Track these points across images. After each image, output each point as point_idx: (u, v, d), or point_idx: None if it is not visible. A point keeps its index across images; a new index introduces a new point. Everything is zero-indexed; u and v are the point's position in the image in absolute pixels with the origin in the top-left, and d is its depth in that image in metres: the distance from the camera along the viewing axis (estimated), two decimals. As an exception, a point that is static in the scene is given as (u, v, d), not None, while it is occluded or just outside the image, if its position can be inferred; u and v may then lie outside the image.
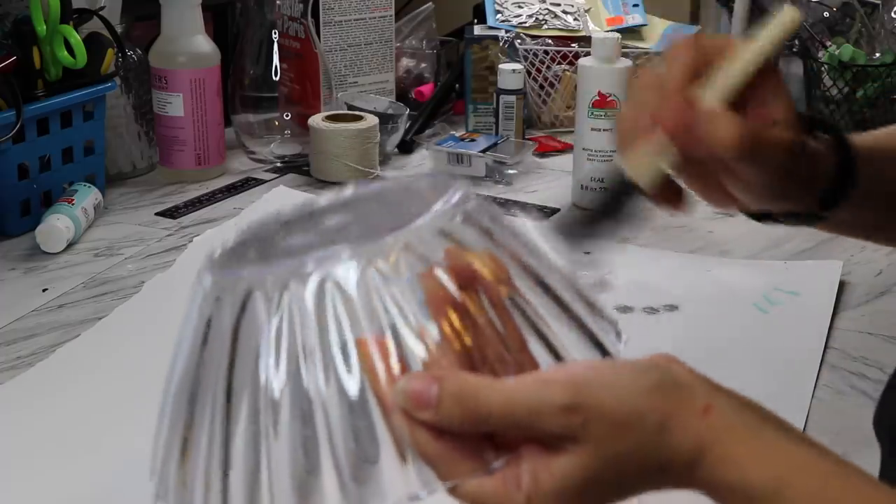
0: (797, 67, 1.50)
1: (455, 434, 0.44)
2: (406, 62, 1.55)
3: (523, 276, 0.48)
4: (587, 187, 1.17)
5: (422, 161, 1.34)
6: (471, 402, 0.44)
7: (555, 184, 1.25)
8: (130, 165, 1.28)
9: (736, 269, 1.01)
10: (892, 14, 1.44)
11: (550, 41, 1.45)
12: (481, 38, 1.42)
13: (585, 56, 1.18)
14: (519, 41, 1.44)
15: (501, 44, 1.42)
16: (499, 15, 1.48)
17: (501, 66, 1.33)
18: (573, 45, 1.44)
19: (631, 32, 1.49)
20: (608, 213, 0.61)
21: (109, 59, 1.15)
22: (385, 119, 1.30)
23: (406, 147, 1.36)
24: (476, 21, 1.51)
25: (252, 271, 0.47)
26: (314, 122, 1.24)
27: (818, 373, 0.83)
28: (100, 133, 1.18)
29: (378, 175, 1.25)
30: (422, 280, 0.45)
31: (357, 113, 1.28)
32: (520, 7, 1.49)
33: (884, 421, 0.63)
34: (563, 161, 1.31)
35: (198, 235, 1.09)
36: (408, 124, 1.37)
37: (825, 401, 0.79)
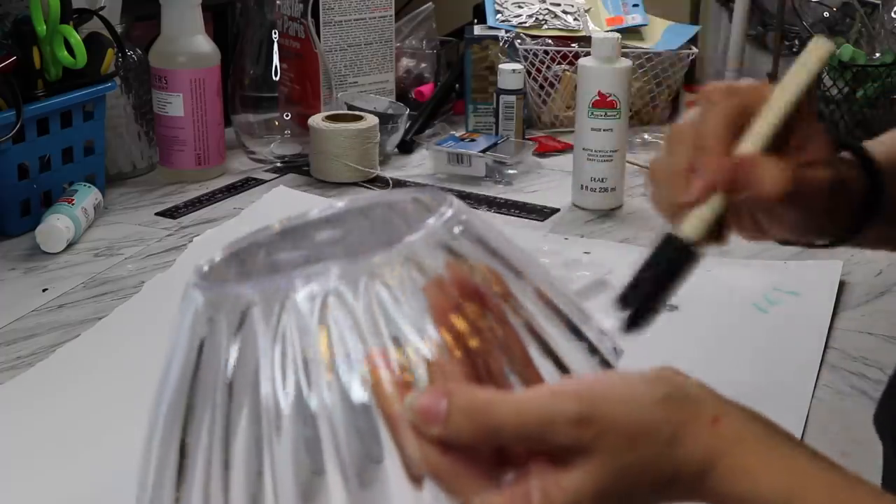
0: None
1: (464, 449, 0.44)
2: (406, 62, 1.55)
3: (522, 289, 0.48)
4: (587, 187, 1.17)
5: (422, 161, 1.34)
6: (481, 416, 0.43)
7: (555, 184, 1.25)
8: (130, 165, 1.28)
9: (736, 269, 1.01)
10: (892, 14, 1.44)
11: (550, 41, 1.45)
12: (481, 38, 1.42)
13: (585, 56, 1.18)
14: (519, 41, 1.44)
15: (501, 44, 1.42)
16: (499, 15, 1.48)
17: (501, 66, 1.33)
18: (573, 45, 1.44)
19: (631, 32, 1.49)
20: (670, 278, 0.59)
21: (109, 59, 1.15)
22: (385, 119, 1.30)
23: (406, 147, 1.36)
24: (476, 21, 1.51)
25: (247, 287, 0.46)
26: (314, 122, 1.24)
27: (818, 373, 0.83)
28: (100, 133, 1.18)
29: (378, 175, 1.25)
30: (425, 292, 0.45)
31: (357, 113, 1.28)
32: (520, 7, 1.49)
33: (886, 419, 0.63)
34: (563, 161, 1.31)
35: (198, 235, 1.09)
36: (408, 124, 1.37)
37: (825, 401, 0.79)
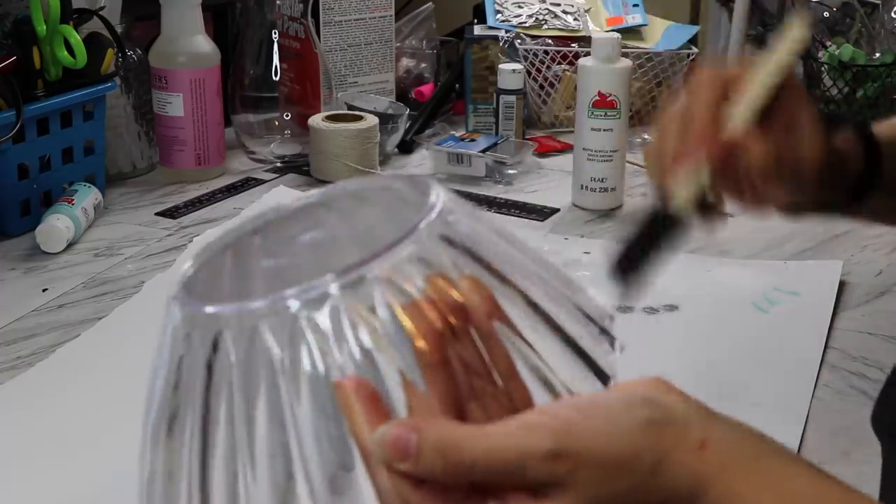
0: (797, 67, 1.50)
1: (437, 483, 0.42)
2: (406, 62, 1.55)
3: (510, 297, 0.47)
4: (587, 187, 1.17)
5: (422, 161, 1.34)
6: (452, 453, 0.41)
7: (555, 184, 1.25)
8: (130, 165, 1.28)
9: (736, 269, 1.01)
10: (892, 14, 1.44)
11: (550, 41, 1.45)
12: (481, 38, 1.42)
13: (585, 56, 1.18)
14: (519, 41, 1.44)
15: (501, 44, 1.42)
16: (499, 15, 1.48)
17: (501, 66, 1.33)
18: (573, 45, 1.44)
19: (631, 32, 1.49)
20: (657, 243, 0.61)
21: (109, 59, 1.15)
22: (385, 119, 1.30)
23: (406, 147, 1.36)
24: (476, 21, 1.51)
25: (223, 309, 0.46)
26: (314, 122, 1.24)
27: (818, 373, 0.83)
28: (100, 133, 1.18)
29: (378, 174, 1.25)
30: (405, 313, 0.43)
31: (357, 113, 1.28)
32: (520, 7, 1.49)
33: (884, 419, 0.63)
34: (563, 161, 1.31)
35: (198, 235, 1.09)
36: (408, 124, 1.37)
37: (825, 401, 0.79)
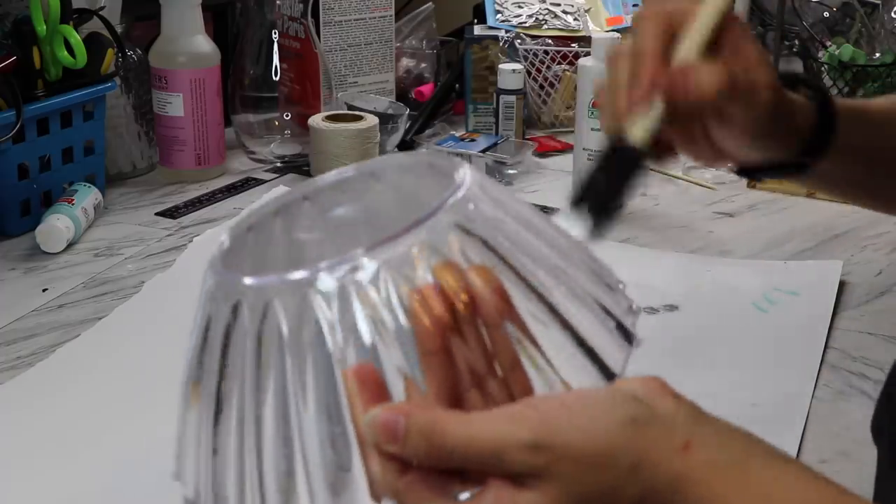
0: (797, 67, 1.50)
1: (423, 467, 0.44)
2: (406, 62, 1.55)
3: (520, 289, 0.47)
4: (587, 187, 1.17)
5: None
6: (436, 438, 0.43)
7: (555, 184, 1.25)
8: (130, 165, 1.28)
9: (736, 269, 1.01)
10: (892, 14, 1.44)
11: (550, 41, 1.45)
12: (481, 38, 1.42)
13: (585, 56, 1.18)
14: (519, 41, 1.44)
15: (501, 44, 1.42)
16: (499, 15, 1.48)
17: (501, 66, 1.33)
18: (573, 45, 1.44)
19: (631, 32, 1.49)
20: (616, 182, 0.61)
21: (109, 59, 1.15)
22: (385, 119, 1.30)
23: (406, 147, 1.36)
24: (476, 21, 1.51)
25: (265, 279, 0.47)
26: (314, 122, 1.24)
27: (818, 373, 0.83)
28: (100, 133, 1.18)
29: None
30: (410, 300, 0.44)
31: (357, 113, 1.28)
32: (520, 7, 1.49)
33: (883, 430, 0.62)
34: (563, 161, 1.31)
35: (198, 235, 1.09)
36: (408, 124, 1.37)
37: (825, 401, 0.79)
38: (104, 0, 1.20)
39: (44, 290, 0.98)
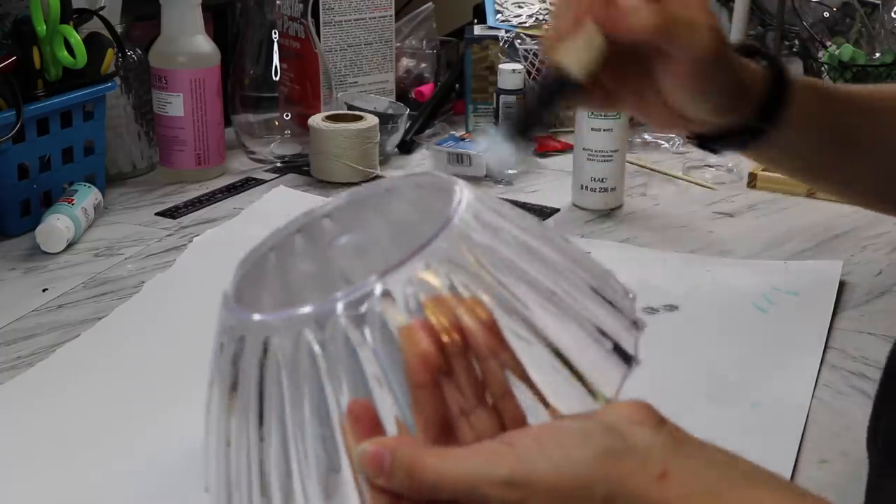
0: (797, 67, 1.50)
1: (411, 499, 0.45)
2: (406, 62, 1.55)
3: (511, 320, 0.48)
4: (587, 187, 1.17)
5: (422, 161, 1.34)
6: (417, 473, 0.44)
7: (555, 184, 1.25)
8: (130, 165, 1.28)
9: (736, 269, 1.01)
10: (892, 14, 1.44)
11: (546, 31, 1.45)
12: (481, 38, 1.42)
13: (585, 56, 1.18)
14: (519, 41, 1.44)
15: (501, 44, 1.42)
16: (499, 15, 1.48)
17: (501, 66, 1.33)
18: (573, 45, 1.44)
19: (631, 32, 1.49)
20: (547, 104, 0.67)
21: (109, 59, 1.15)
22: (385, 119, 1.30)
23: (406, 147, 1.36)
24: (476, 21, 1.51)
25: (271, 315, 0.49)
26: (314, 122, 1.24)
27: (818, 373, 0.83)
28: (100, 133, 1.18)
29: (378, 175, 1.25)
30: (400, 335, 0.46)
31: (357, 113, 1.28)
32: (520, 7, 1.49)
33: (878, 436, 0.62)
34: (563, 161, 1.31)
35: (198, 235, 1.09)
36: (408, 124, 1.37)
37: (825, 401, 0.79)
38: (104, 0, 1.20)
39: (44, 290, 0.98)
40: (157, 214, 1.17)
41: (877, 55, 1.41)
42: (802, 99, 0.76)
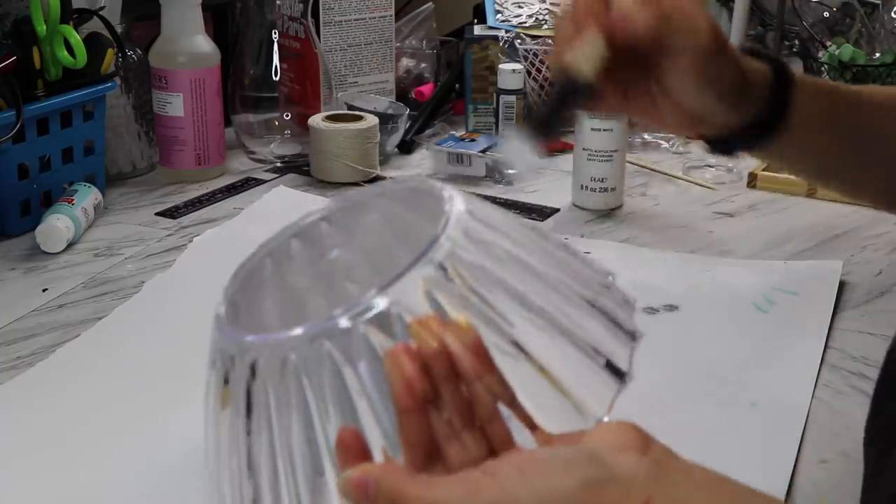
0: (797, 67, 1.50)
1: None
2: (406, 62, 1.55)
3: (498, 337, 0.48)
4: (587, 187, 1.17)
5: (422, 161, 1.34)
6: (400, 503, 0.44)
7: (555, 184, 1.25)
8: (130, 165, 1.28)
9: (736, 269, 1.01)
10: (892, 14, 1.44)
11: (550, 41, 1.45)
12: (481, 38, 1.42)
13: (585, 56, 1.18)
14: (519, 41, 1.44)
15: (501, 44, 1.42)
16: (499, 15, 1.48)
17: (501, 66, 1.33)
18: (573, 45, 1.44)
19: (631, 32, 1.49)
20: (561, 107, 0.70)
21: (109, 59, 1.15)
22: (385, 119, 1.30)
23: (406, 147, 1.36)
24: (476, 21, 1.51)
25: (260, 339, 0.50)
26: (314, 122, 1.24)
27: (818, 373, 0.83)
28: (100, 133, 1.18)
29: (378, 175, 1.25)
30: (385, 360, 0.45)
31: (357, 113, 1.28)
32: (520, 7, 1.49)
33: (872, 437, 0.62)
34: (563, 161, 1.31)
35: (198, 235, 1.09)
36: (408, 124, 1.37)
37: (825, 401, 0.79)
38: (104, 0, 1.20)
39: (44, 290, 0.98)
40: (157, 214, 1.17)
41: (877, 55, 1.41)
42: (808, 96, 0.77)
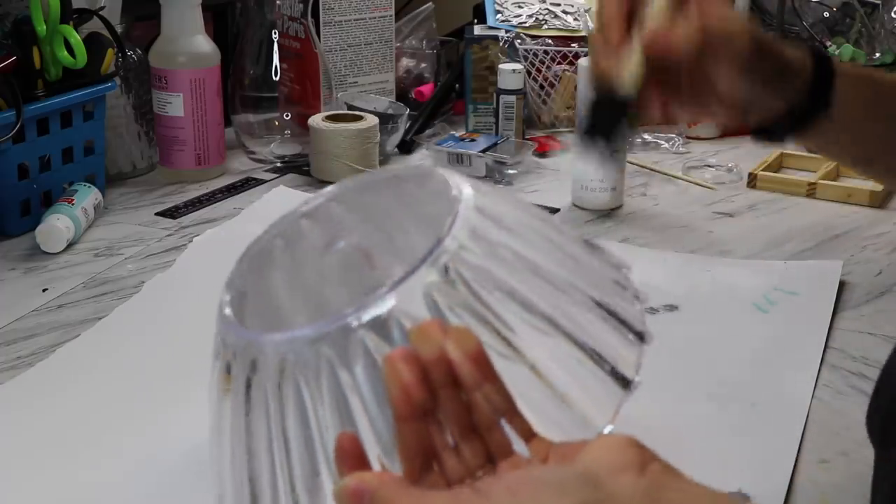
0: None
1: None
2: (406, 62, 1.55)
3: (501, 345, 0.48)
4: (587, 187, 1.17)
5: (422, 161, 1.34)
6: None
7: (555, 184, 1.25)
8: (130, 165, 1.28)
9: (736, 269, 1.01)
10: (892, 14, 1.44)
11: (550, 41, 1.45)
12: (481, 38, 1.42)
13: (585, 56, 1.18)
14: (519, 41, 1.44)
15: (501, 44, 1.42)
16: (499, 15, 1.48)
17: (501, 66, 1.33)
18: (573, 45, 1.44)
19: (631, 32, 1.49)
20: (608, 124, 0.70)
21: (109, 59, 1.15)
22: (385, 119, 1.30)
23: (406, 147, 1.36)
24: (476, 21, 1.51)
25: (259, 339, 0.50)
26: (314, 122, 1.24)
27: (818, 373, 0.83)
28: (100, 133, 1.18)
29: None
30: (384, 366, 0.45)
31: (357, 113, 1.28)
32: (520, 7, 1.49)
33: (874, 424, 0.62)
34: (563, 161, 1.31)
35: (198, 235, 1.09)
36: (408, 124, 1.37)
37: (825, 401, 0.79)
38: (104, 0, 1.20)
39: (44, 290, 0.98)
40: (157, 214, 1.17)
41: (877, 55, 1.41)
42: (850, 81, 0.78)
